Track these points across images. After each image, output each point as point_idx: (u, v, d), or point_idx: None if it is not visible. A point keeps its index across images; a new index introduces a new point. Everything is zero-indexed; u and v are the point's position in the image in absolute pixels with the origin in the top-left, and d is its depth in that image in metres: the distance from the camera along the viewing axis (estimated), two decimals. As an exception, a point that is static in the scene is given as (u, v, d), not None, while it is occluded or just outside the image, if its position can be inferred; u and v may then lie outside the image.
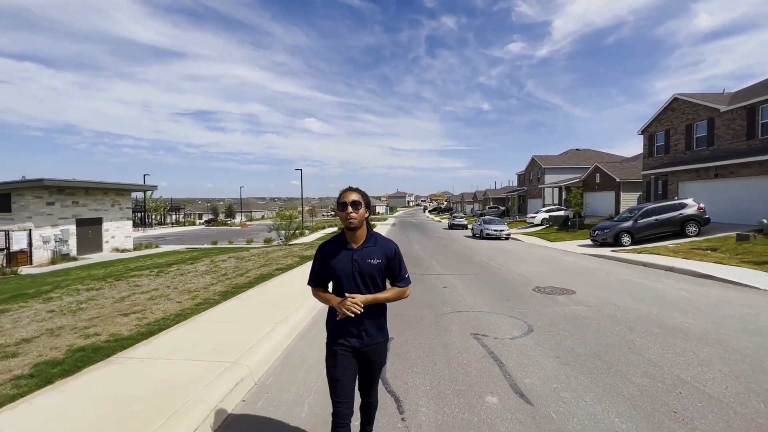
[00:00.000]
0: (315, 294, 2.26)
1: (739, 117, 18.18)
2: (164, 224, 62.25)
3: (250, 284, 7.69)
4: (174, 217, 70.92)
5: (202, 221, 76.43)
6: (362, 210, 2.09)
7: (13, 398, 2.87)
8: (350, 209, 2.04)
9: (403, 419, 2.92)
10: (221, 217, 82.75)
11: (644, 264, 11.21)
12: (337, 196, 2.15)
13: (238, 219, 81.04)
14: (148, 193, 47.68)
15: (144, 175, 47.12)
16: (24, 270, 17.07)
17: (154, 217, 57.06)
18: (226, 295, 6.59)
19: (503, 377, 3.66)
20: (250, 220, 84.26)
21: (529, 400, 3.20)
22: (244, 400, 3.24)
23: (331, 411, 2.10)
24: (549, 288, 8.03)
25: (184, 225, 65.05)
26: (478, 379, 3.63)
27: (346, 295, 2.05)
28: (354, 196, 2.07)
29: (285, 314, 5.36)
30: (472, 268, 11.20)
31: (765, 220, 13.18)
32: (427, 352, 4.36)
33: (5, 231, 18.38)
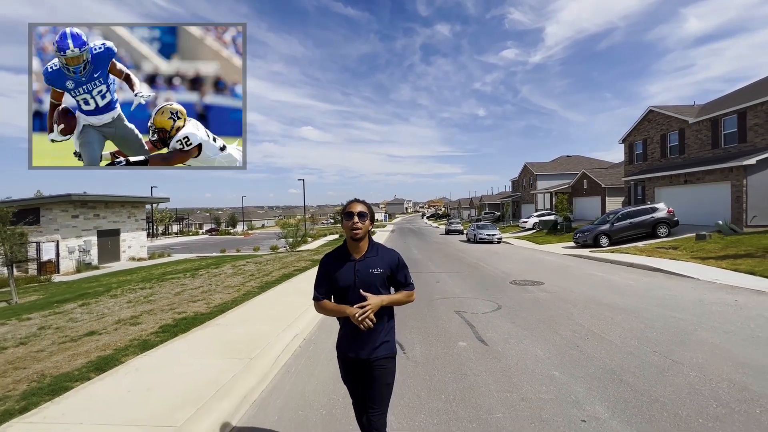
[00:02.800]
0: (321, 308, 2.21)
1: (705, 128, 20.07)
2: (169, 234, 63.80)
3: (278, 281, 9.39)
4: (178, 227, 72.56)
5: (203, 231, 78.01)
6: (367, 222, 2.13)
7: (162, 341, 4.57)
8: (356, 219, 2.08)
9: (404, 354, 4.61)
10: (222, 226, 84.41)
11: (612, 261, 12.92)
12: (336, 204, 2.68)
13: (239, 228, 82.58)
14: (155, 204, 49.50)
15: (152, 188, 48.94)
16: (55, 278, 18.64)
17: (158, 227, 58.65)
18: (263, 288, 8.29)
19: (472, 333, 5.36)
20: (251, 229, 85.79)
21: (486, 344, 4.90)
22: (300, 346, 4.94)
23: (352, 402, 2.28)
24: (523, 281, 9.73)
25: (188, 235, 66.65)
26: (455, 334, 5.33)
27: (362, 292, 2.05)
28: (360, 207, 2.12)
29: (314, 300, 7.06)
30: (463, 267, 12.90)
31: (720, 221, 14.96)
32: (421, 321, 6.05)
33: (36, 242, 20.01)
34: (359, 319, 1.99)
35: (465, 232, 32.69)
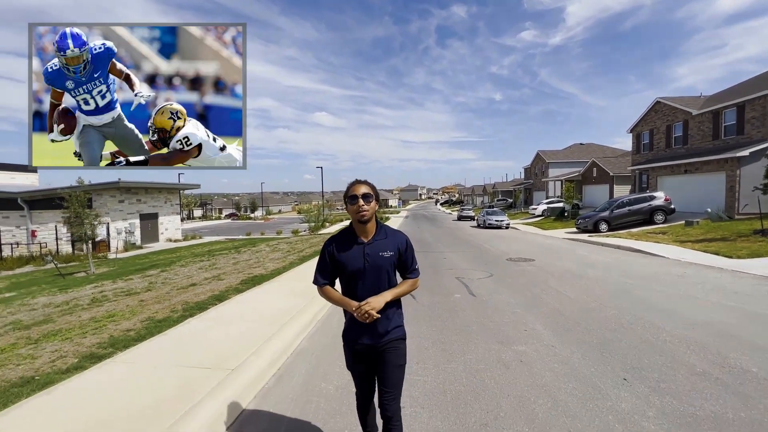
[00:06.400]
0: (323, 293, 2.18)
1: (707, 120, 20.99)
2: (192, 219, 67.21)
3: (312, 255, 11.41)
4: (201, 212, 76.14)
5: (224, 216, 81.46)
6: (373, 203, 2.07)
7: (248, 288, 6.61)
8: (362, 202, 2.03)
9: (415, 300, 6.49)
10: (242, 211, 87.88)
11: (602, 244, 14.48)
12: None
13: (258, 213, 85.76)
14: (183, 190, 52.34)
15: (179, 174, 51.46)
16: (110, 255, 21.21)
17: (183, 212, 61.96)
18: (302, 260, 10.30)
19: (466, 290, 7.21)
20: (269, 214, 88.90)
21: (475, 296, 6.74)
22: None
23: (356, 398, 2.34)
24: (518, 258, 11.47)
25: (210, 219, 70.04)
26: (453, 290, 7.19)
27: (369, 301, 1.98)
28: (364, 189, 2.06)
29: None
30: (469, 248, 14.67)
31: (709, 209, 16.23)
32: (428, 283, 7.92)
33: (91, 224, 22.64)
34: (361, 316, 1.97)
35: (476, 217, 34.19)
